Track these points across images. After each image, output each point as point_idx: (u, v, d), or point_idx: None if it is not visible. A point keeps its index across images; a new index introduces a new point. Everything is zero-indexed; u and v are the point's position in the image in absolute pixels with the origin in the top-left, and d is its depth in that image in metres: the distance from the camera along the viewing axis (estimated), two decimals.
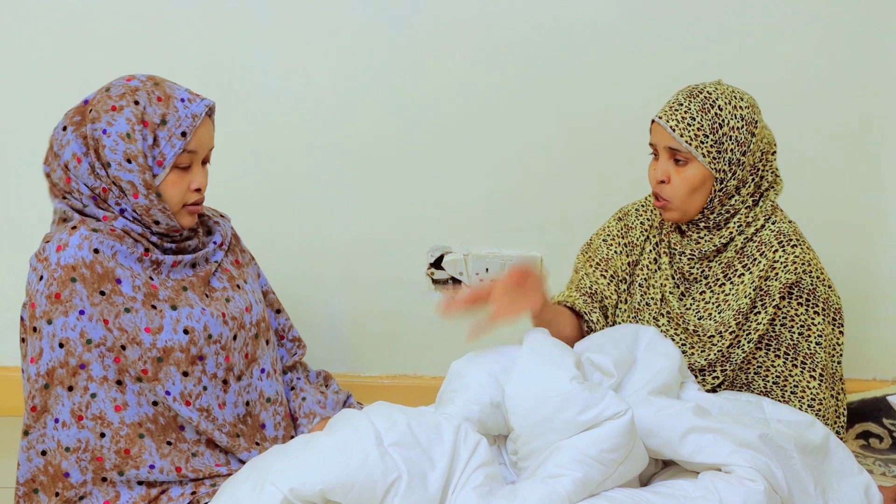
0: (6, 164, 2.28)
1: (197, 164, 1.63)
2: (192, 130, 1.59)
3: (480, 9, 2.23)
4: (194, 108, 1.60)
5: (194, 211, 1.65)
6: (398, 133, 2.30)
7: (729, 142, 1.74)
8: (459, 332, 2.41)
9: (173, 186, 1.60)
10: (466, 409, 1.61)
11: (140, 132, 1.56)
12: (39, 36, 2.21)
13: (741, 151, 1.75)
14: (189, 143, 1.59)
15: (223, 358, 1.67)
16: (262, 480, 1.44)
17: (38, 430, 1.56)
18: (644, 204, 1.97)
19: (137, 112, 1.56)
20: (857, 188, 2.34)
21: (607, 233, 1.96)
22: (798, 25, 2.24)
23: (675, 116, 1.74)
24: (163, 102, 1.58)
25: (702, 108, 1.74)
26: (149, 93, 1.59)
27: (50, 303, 1.54)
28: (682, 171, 1.76)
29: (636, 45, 2.25)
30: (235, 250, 1.82)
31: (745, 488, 1.45)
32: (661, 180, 1.78)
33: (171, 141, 1.58)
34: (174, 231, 1.64)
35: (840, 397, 1.83)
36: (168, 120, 1.58)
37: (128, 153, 1.56)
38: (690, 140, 1.73)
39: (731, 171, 1.75)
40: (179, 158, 1.59)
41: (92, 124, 1.57)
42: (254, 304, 1.76)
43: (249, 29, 2.22)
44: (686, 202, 1.77)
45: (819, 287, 1.78)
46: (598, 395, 1.49)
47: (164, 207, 1.60)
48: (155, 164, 1.58)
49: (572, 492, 1.44)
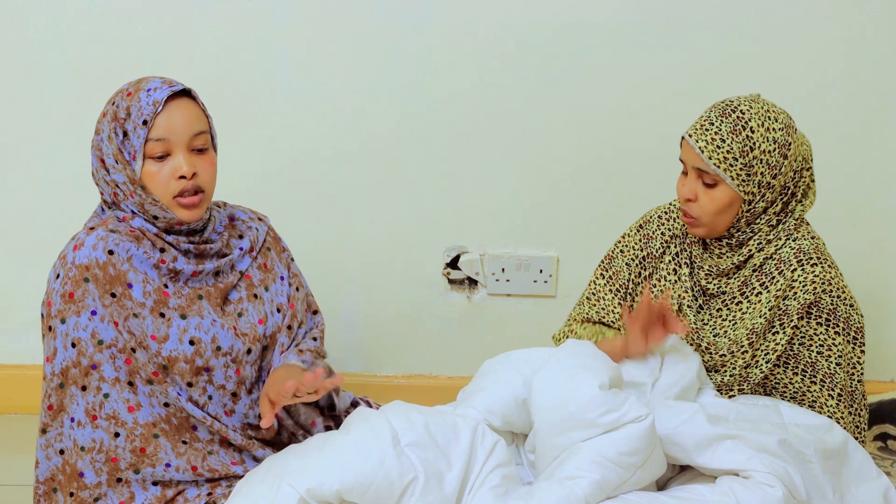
0: (33, 162, 2.29)
1: (178, 151, 1.57)
2: (152, 118, 1.54)
3: (498, 12, 2.22)
4: (157, 95, 1.56)
5: (188, 203, 1.58)
6: (415, 134, 2.30)
7: (759, 165, 1.70)
8: (474, 332, 2.43)
9: (152, 178, 1.57)
10: (491, 401, 1.62)
11: (114, 130, 1.57)
12: (56, 37, 2.21)
13: (772, 175, 1.71)
14: (153, 132, 1.55)
15: (233, 371, 1.65)
16: (278, 481, 1.45)
17: (55, 428, 1.57)
18: (668, 210, 1.92)
19: (113, 111, 1.58)
20: (873, 188, 2.33)
21: (625, 244, 1.94)
22: (814, 26, 2.23)
23: (704, 137, 1.70)
24: (131, 96, 1.57)
25: (733, 129, 1.69)
26: (124, 91, 1.59)
27: (64, 302, 1.54)
28: (710, 191, 1.72)
29: (652, 48, 2.24)
30: (267, 253, 1.77)
31: (763, 493, 1.45)
32: (688, 198, 1.74)
33: (136, 132, 1.55)
34: (177, 224, 1.61)
35: (861, 413, 1.80)
36: (132, 112, 1.56)
37: (113, 154, 1.57)
38: (719, 163, 1.69)
39: (760, 193, 1.72)
40: (149, 148, 1.55)
41: (96, 136, 1.61)
42: (269, 316, 1.72)
43: (267, 33, 2.23)
44: (713, 221, 1.75)
45: (840, 307, 1.75)
46: (620, 399, 1.50)
47: (154, 200, 1.58)
48: (130, 158, 1.57)
49: (589, 493, 1.44)
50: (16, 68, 2.23)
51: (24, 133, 2.27)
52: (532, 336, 2.40)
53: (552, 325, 2.37)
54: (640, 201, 2.09)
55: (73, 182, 2.14)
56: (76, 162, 2.06)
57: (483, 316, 2.42)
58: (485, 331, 2.42)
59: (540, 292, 2.40)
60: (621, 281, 1.90)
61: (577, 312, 1.97)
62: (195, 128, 1.58)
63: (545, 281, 2.39)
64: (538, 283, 2.39)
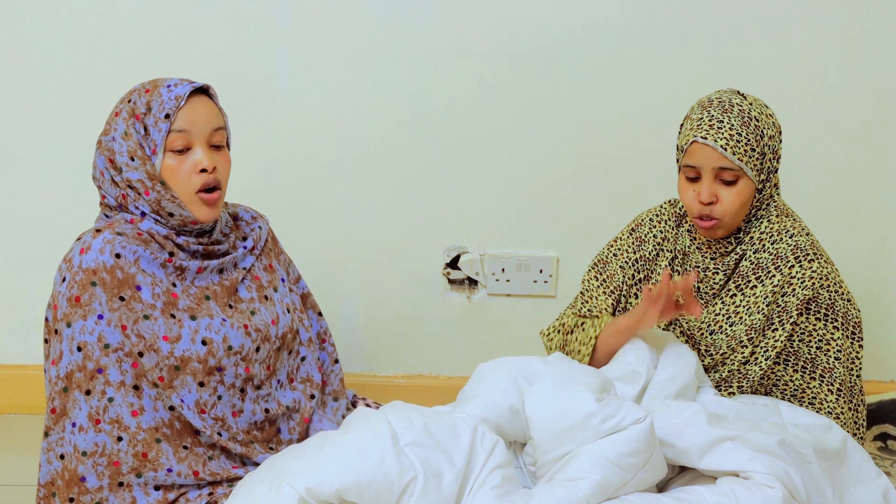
0: (34, 163, 2.29)
1: (198, 145, 1.60)
2: (174, 111, 1.57)
3: (498, 13, 2.22)
4: (178, 90, 1.59)
5: (209, 200, 1.61)
6: (415, 134, 2.30)
7: (769, 151, 1.73)
8: (474, 332, 2.43)
9: (173, 172, 1.59)
10: (485, 409, 1.62)
11: (133, 126, 1.58)
12: (57, 39, 2.22)
13: (776, 158, 1.75)
14: (175, 124, 1.58)
15: (243, 369, 1.65)
16: (278, 481, 1.45)
17: (57, 432, 1.56)
18: (658, 214, 1.92)
19: (129, 108, 1.59)
20: (873, 189, 2.33)
21: (618, 247, 1.93)
22: (814, 26, 2.23)
23: (721, 135, 1.70)
24: (150, 93, 1.60)
25: (743, 122, 1.71)
26: (139, 89, 1.61)
27: (70, 305, 1.54)
28: (732, 188, 1.72)
29: (652, 51, 2.24)
30: (270, 254, 1.79)
31: (763, 494, 1.45)
32: (710, 202, 1.73)
33: (157, 126, 1.58)
34: (191, 223, 1.62)
35: (860, 409, 1.80)
36: (153, 107, 1.58)
37: (129, 151, 1.58)
38: (742, 157, 1.70)
39: (768, 179, 1.74)
40: (170, 141, 1.58)
41: (105, 136, 1.61)
42: (281, 316, 1.73)
43: (268, 34, 2.23)
44: (735, 218, 1.75)
45: (838, 301, 1.75)
46: (616, 405, 1.50)
47: (173, 196, 1.59)
48: (150, 152, 1.58)
49: (590, 494, 1.44)
50: (18, 69, 2.24)
51: (26, 134, 2.28)
52: (532, 336, 2.40)
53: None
54: (640, 202, 2.09)
55: (75, 183, 2.14)
56: (78, 163, 2.06)
57: (483, 316, 2.42)
58: (485, 331, 2.42)
59: (540, 292, 2.40)
60: (616, 283, 1.90)
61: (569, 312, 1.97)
62: (214, 123, 1.62)
63: (545, 281, 2.39)
64: (538, 284, 2.39)
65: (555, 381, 1.58)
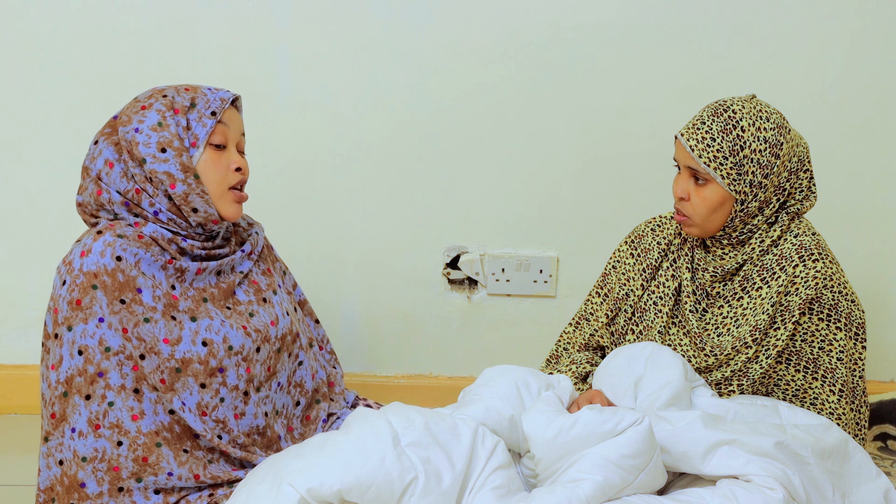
0: (34, 163, 2.29)
1: (231, 147, 1.64)
2: (221, 110, 1.62)
3: (498, 14, 2.23)
4: (221, 93, 1.65)
5: (239, 199, 1.65)
6: (415, 134, 2.30)
7: (750, 164, 1.70)
8: (474, 332, 2.43)
9: (211, 166, 1.61)
10: (486, 414, 1.62)
11: (171, 118, 1.59)
12: (57, 38, 2.22)
13: (763, 174, 1.71)
14: (220, 123, 1.62)
15: (244, 369, 1.65)
16: (279, 481, 1.45)
17: (56, 438, 1.55)
18: (660, 223, 1.93)
19: (167, 102, 1.60)
20: (875, 188, 2.33)
21: (617, 258, 1.95)
22: (814, 26, 2.23)
23: (695, 136, 1.71)
24: (190, 91, 1.63)
25: (723, 128, 1.70)
26: (176, 88, 1.63)
27: (71, 309, 1.53)
28: (701, 190, 1.73)
29: (653, 50, 2.25)
30: (267, 260, 1.80)
31: (763, 496, 1.44)
32: (681, 197, 1.76)
33: (202, 121, 1.60)
34: (212, 222, 1.62)
35: (862, 410, 1.80)
36: (197, 103, 1.61)
37: (161, 142, 1.57)
38: (709, 161, 1.70)
39: (752, 192, 1.72)
40: (213, 136, 1.60)
41: (123, 127, 1.59)
42: (280, 318, 1.73)
43: (268, 34, 2.23)
44: (705, 220, 1.75)
45: (841, 302, 1.75)
46: (611, 411, 1.51)
47: (203, 191, 1.59)
48: (190, 145, 1.59)
49: (591, 495, 1.44)
50: (18, 69, 2.24)
51: (26, 134, 2.28)
52: (532, 336, 2.41)
53: (552, 326, 2.38)
54: (640, 202, 2.09)
55: (75, 183, 2.13)
56: (78, 163, 2.06)
57: (483, 316, 2.42)
58: (485, 331, 2.43)
59: (540, 292, 2.41)
60: (614, 295, 1.92)
61: (575, 334, 1.99)
62: (242, 129, 1.68)
63: (545, 281, 2.39)
64: (538, 284, 2.40)
65: (549, 403, 1.58)
